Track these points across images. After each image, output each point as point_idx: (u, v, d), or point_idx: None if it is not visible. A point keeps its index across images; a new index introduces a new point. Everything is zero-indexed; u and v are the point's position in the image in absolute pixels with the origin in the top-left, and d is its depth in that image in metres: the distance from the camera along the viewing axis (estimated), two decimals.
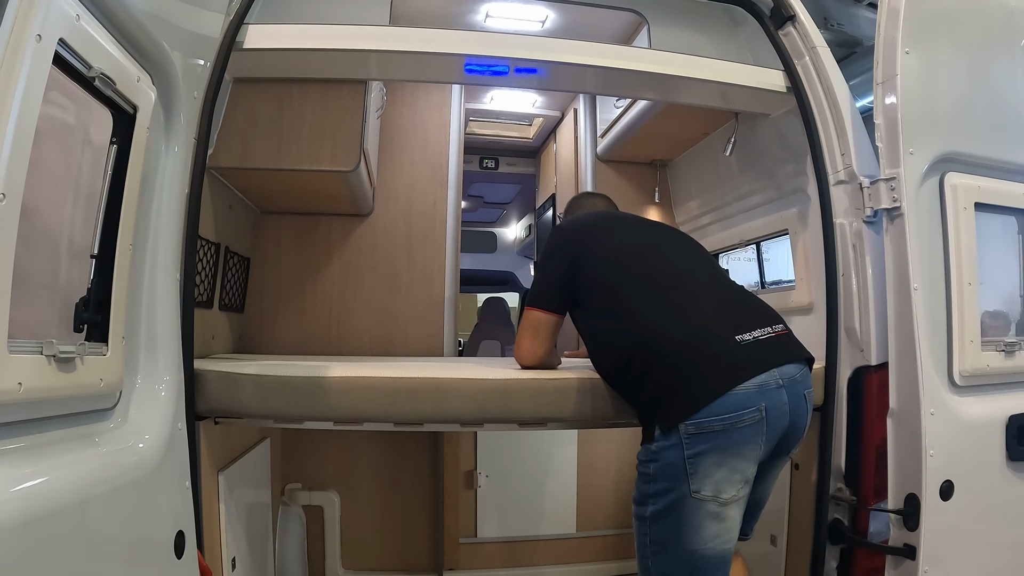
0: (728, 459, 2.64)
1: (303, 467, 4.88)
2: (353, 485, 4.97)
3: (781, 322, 2.97)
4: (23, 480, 1.57)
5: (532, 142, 7.69)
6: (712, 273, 3.21)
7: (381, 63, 3.48)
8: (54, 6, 1.68)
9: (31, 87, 1.60)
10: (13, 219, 1.55)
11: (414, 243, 5.25)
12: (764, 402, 2.67)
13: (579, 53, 3.45)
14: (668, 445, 2.66)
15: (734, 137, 4.53)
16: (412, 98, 5.53)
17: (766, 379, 2.71)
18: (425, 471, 5.05)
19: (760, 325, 2.86)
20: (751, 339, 2.79)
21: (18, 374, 1.61)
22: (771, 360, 2.76)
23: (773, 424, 2.71)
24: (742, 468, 2.68)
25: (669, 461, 2.66)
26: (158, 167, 2.45)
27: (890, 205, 3.03)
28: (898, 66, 2.97)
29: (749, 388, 2.66)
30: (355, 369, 3.10)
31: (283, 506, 4.67)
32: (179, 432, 2.41)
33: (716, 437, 2.62)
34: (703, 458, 2.62)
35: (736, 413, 2.63)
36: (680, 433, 2.63)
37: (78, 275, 2.00)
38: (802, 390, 2.83)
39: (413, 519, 5.05)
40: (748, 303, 3.06)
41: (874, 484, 3.17)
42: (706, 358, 2.73)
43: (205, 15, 2.76)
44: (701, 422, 2.62)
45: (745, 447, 2.67)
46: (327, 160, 3.86)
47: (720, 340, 2.78)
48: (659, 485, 2.69)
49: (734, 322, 2.85)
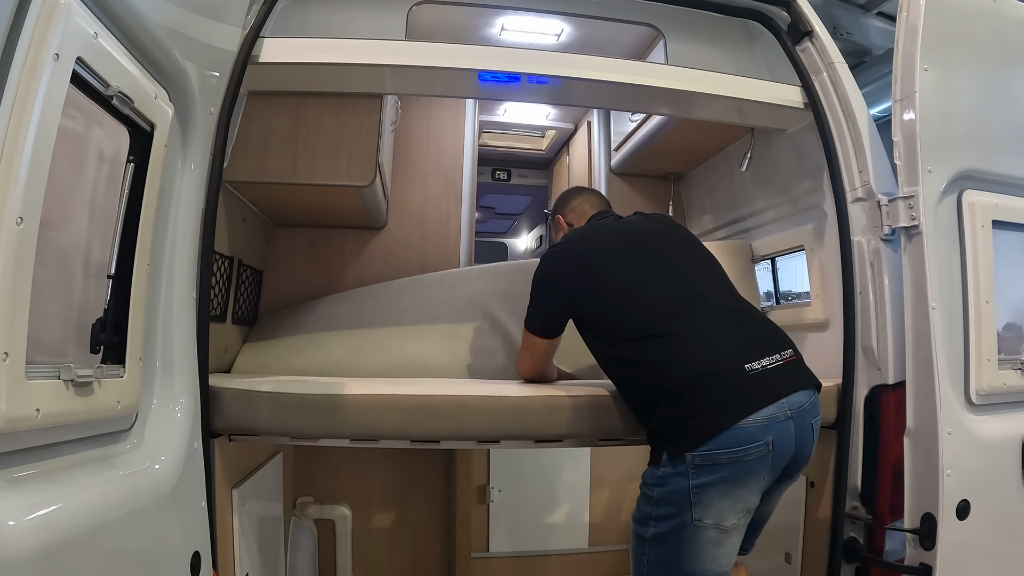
0: (733, 490, 2.68)
1: (315, 481, 4.85)
2: (365, 499, 4.95)
3: (790, 346, 2.98)
4: (38, 507, 1.54)
5: (545, 154, 7.68)
6: (720, 291, 3.19)
7: (396, 77, 3.47)
8: (72, 24, 1.66)
9: (49, 108, 1.58)
10: (31, 243, 1.53)
11: (428, 256, 5.24)
12: (772, 436, 2.69)
13: (594, 68, 3.43)
14: (674, 472, 2.69)
15: (750, 152, 4.51)
16: (426, 111, 5.53)
17: (775, 411, 2.73)
18: (437, 485, 5.03)
19: (769, 352, 2.86)
20: (760, 368, 2.79)
21: (36, 400, 1.58)
22: (779, 390, 2.78)
23: (779, 455, 2.74)
24: (746, 498, 2.72)
25: (675, 488, 2.69)
26: (174, 184, 2.43)
27: (908, 223, 3.01)
28: (917, 83, 2.95)
29: (757, 421, 2.68)
30: (373, 386, 3.09)
31: (295, 520, 4.64)
32: (195, 452, 2.40)
33: (722, 469, 2.65)
34: (708, 489, 2.65)
35: (744, 447, 2.65)
36: (687, 463, 2.66)
37: (93, 294, 1.99)
38: (810, 420, 2.86)
39: (425, 533, 5.02)
40: (757, 325, 3.07)
41: (890, 503, 3.15)
42: (714, 390, 2.75)
43: (223, 29, 2.74)
44: (708, 454, 2.64)
45: (751, 479, 2.70)
46: (343, 175, 3.84)
47: (729, 370, 2.78)
48: (663, 510, 2.73)
49: (743, 349, 2.84)
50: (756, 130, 4.46)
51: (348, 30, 3.34)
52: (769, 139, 4.36)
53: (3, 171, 1.47)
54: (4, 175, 1.47)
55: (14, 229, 1.48)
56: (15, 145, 1.49)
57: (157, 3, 2.10)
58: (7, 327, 1.47)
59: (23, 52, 1.53)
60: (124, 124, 2.03)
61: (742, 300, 3.21)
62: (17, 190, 1.49)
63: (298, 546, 4.58)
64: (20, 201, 1.49)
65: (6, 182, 1.47)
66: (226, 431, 2.93)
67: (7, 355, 1.47)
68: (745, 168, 4.55)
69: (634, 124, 5.40)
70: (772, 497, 2.94)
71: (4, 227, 1.46)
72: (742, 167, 4.57)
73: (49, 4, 1.58)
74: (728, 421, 2.66)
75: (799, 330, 3.96)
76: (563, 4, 3.74)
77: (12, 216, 1.47)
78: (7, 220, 1.47)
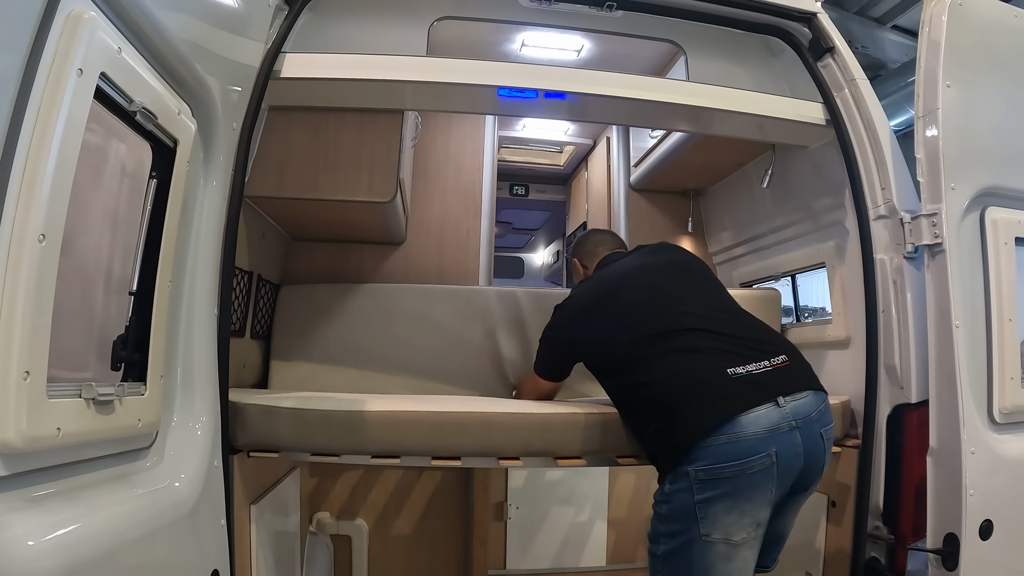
0: (738, 504, 2.65)
1: (332, 496, 4.83)
2: (382, 515, 4.92)
3: (784, 352, 2.96)
4: (57, 527, 1.53)
5: (563, 169, 7.68)
6: (713, 305, 3.20)
7: (417, 93, 3.46)
8: (96, 39, 1.65)
9: (72, 123, 1.57)
10: (53, 261, 1.52)
11: (447, 272, 5.24)
12: (775, 447, 2.67)
13: (615, 85, 3.42)
14: (679, 489, 2.70)
15: (771, 169, 4.49)
16: (446, 127, 5.54)
17: (778, 421, 2.71)
18: (455, 502, 5.00)
19: (757, 358, 2.87)
20: (743, 372, 2.80)
21: (57, 419, 1.57)
22: (767, 393, 2.76)
23: (785, 467, 2.71)
24: (753, 512, 2.69)
25: (680, 504, 2.69)
26: (196, 200, 2.42)
27: (931, 241, 2.99)
28: (939, 100, 2.94)
29: (758, 433, 2.67)
30: (397, 403, 3.09)
31: (311, 535, 4.63)
32: (215, 469, 2.38)
33: (725, 483, 2.64)
34: (713, 503, 2.64)
35: (745, 460, 2.64)
36: (690, 478, 2.66)
37: (115, 311, 1.98)
38: (818, 429, 2.82)
39: (442, 550, 4.99)
40: (747, 334, 3.03)
41: (912, 522, 3.13)
42: (694, 397, 2.78)
43: (245, 44, 2.74)
44: (710, 468, 2.64)
45: (756, 492, 2.68)
46: (363, 191, 3.84)
47: (710, 377, 2.81)
48: (671, 526, 2.73)
49: (727, 355, 2.87)
50: (777, 146, 4.44)
51: (369, 46, 3.34)
52: (789, 155, 4.35)
53: (26, 188, 1.46)
54: (27, 192, 1.46)
55: (36, 247, 1.47)
56: (38, 161, 1.48)
57: (180, 18, 2.10)
58: (29, 346, 1.46)
59: (47, 67, 1.53)
60: (147, 140, 2.02)
61: (739, 313, 3.21)
62: (40, 207, 1.48)
63: (314, 561, 4.56)
64: (43, 218, 1.48)
65: (29, 199, 1.46)
66: (246, 448, 2.93)
67: (28, 374, 1.46)
68: (766, 185, 4.52)
69: (654, 140, 5.38)
70: (787, 511, 2.93)
71: (26, 244, 1.45)
72: (763, 184, 4.55)
73: (73, 19, 1.58)
74: (709, 423, 2.68)
75: (819, 348, 3.93)
76: (584, 20, 3.73)
77: (35, 233, 1.46)
78: (29, 237, 1.46)
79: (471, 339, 4.47)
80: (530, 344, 4.32)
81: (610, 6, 3.47)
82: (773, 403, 2.73)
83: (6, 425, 1.43)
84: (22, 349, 1.45)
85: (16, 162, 1.46)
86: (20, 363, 1.45)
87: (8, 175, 1.45)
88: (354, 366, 4.32)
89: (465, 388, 4.38)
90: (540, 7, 3.53)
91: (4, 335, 1.43)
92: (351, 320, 4.51)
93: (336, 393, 3.58)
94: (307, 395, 3.29)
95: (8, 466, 1.47)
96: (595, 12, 3.55)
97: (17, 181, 1.46)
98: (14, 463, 1.49)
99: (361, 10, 3.49)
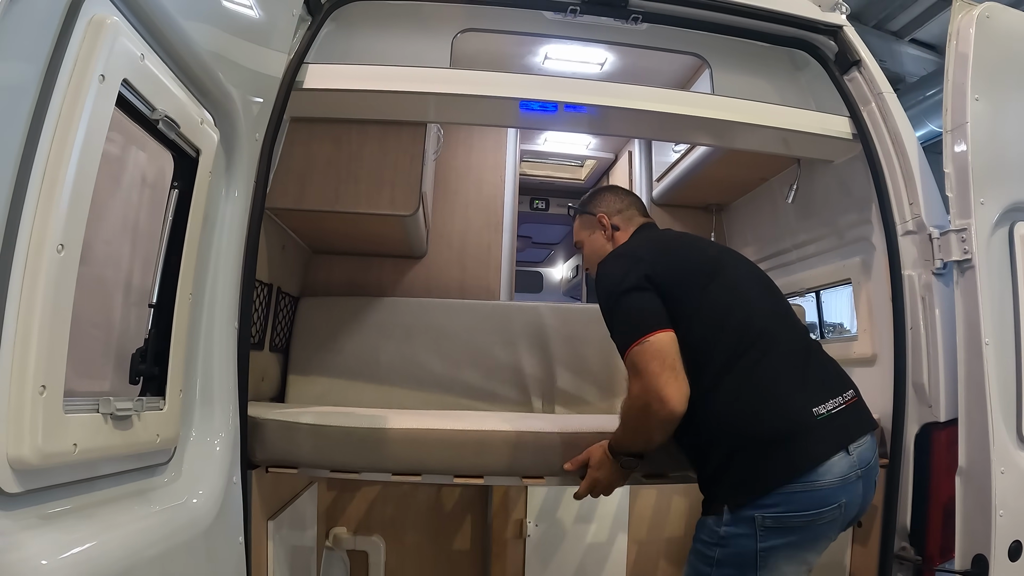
0: (800, 554, 2.61)
1: (349, 511, 4.80)
2: (399, 531, 4.88)
3: (852, 386, 2.87)
4: (72, 546, 1.49)
5: (584, 183, 7.66)
6: (789, 324, 2.94)
7: (440, 106, 3.45)
8: (118, 44, 1.61)
9: (93, 131, 1.53)
10: (72, 272, 1.48)
11: (468, 285, 5.24)
12: (845, 498, 2.60)
13: (640, 98, 3.40)
14: (740, 533, 2.56)
15: (796, 184, 4.45)
16: (467, 140, 5.54)
17: (847, 471, 2.60)
18: (473, 518, 4.96)
19: (833, 394, 2.73)
20: (826, 413, 2.66)
21: (73, 435, 1.53)
22: (846, 436, 2.66)
23: (848, 515, 2.68)
24: (811, 561, 2.67)
25: (739, 551, 2.56)
26: (218, 212, 2.39)
27: (960, 257, 2.97)
28: (968, 113, 2.91)
29: (834, 483, 2.56)
30: (419, 420, 3.07)
31: (327, 550, 4.60)
32: (234, 486, 2.35)
33: (794, 533, 2.55)
34: (777, 552, 2.55)
35: (819, 510, 2.55)
36: (756, 523, 2.53)
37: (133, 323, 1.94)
38: (875, 477, 2.81)
39: (460, 567, 4.94)
40: (821, 364, 2.90)
41: (940, 543, 3.08)
42: (783, 436, 2.61)
43: (268, 54, 2.71)
44: (780, 516, 2.52)
45: (819, 542, 2.65)
46: (386, 204, 3.83)
47: (797, 415, 2.64)
48: (724, 571, 2.60)
49: (811, 391, 2.71)
50: (802, 161, 4.39)
51: (392, 57, 3.33)
52: (814, 170, 4.31)
53: (45, 196, 1.42)
54: (46, 200, 1.42)
55: (55, 257, 1.43)
56: (58, 168, 1.44)
57: (204, 26, 2.06)
58: (46, 359, 1.42)
59: (67, 72, 1.49)
60: (169, 149, 1.99)
61: (807, 335, 3.07)
62: (59, 216, 1.44)
63: None
64: (62, 228, 1.44)
65: (48, 207, 1.42)
66: (265, 463, 2.91)
67: (44, 388, 1.42)
68: (792, 200, 4.48)
69: (677, 154, 5.36)
70: None
71: (44, 254, 1.41)
72: (788, 199, 4.51)
73: (95, 23, 1.54)
74: (793, 472, 2.54)
75: (844, 365, 3.88)
76: (608, 33, 3.70)
77: (53, 243, 1.42)
78: (48, 247, 1.42)
79: (493, 354, 4.44)
80: (552, 359, 4.29)
81: (635, 18, 3.45)
82: (845, 451, 2.62)
83: (21, 441, 1.39)
84: (39, 362, 1.40)
85: (35, 169, 1.42)
86: (36, 377, 1.40)
87: (27, 182, 1.41)
88: (373, 380, 4.30)
89: (486, 403, 4.35)
90: (565, 19, 3.50)
91: (20, 347, 1.39)
92: (371, 333, 4.49)
93: (356, 408, 3.55)
94: (327, 410, 3.27)
95: (22, 483, 1.42)
96: (620, 25, 3.53)
97: (36, 189, 1.42)
98: (28, 479, 1.44)
99: (384, 21, 3.48)
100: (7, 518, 1.39)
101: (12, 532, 1.38)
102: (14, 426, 1.38)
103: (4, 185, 1.35)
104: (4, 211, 1.35)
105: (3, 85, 1.35)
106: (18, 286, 1.39)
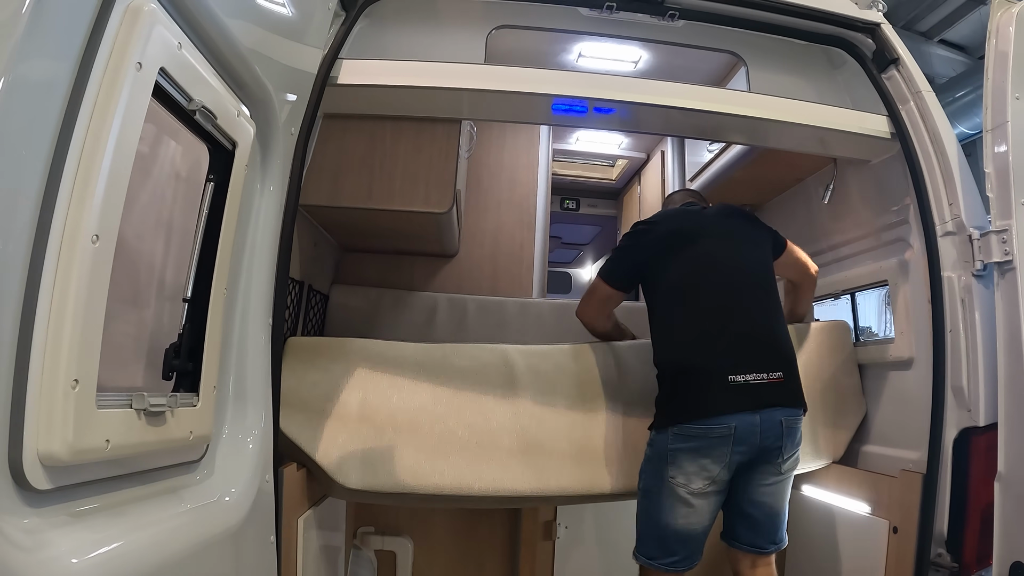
0: (699, 459, 3.19)
1: (377, 511, 4.78)
2: (427, 531, 4.85)
3: (782, 368, 3.30)
4: (101, 545, 1.46)
5: (615, 183, 7.64)
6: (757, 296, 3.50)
7: (473, 102, 3.44)
8: (156, 33, 1.58)
9: (129, 120, 1.50)
10: (107, 263, 1.45)
11: (500, 285, 5.22)
12: (735, 423, 3.17)
13: (673, 95, 3.40)
14: (660, 438, 3.28)
15: (833, 183, 4.39)
16: (500, 138, 5.53)
17: (745, 418, 3.20)
18: (502, 520, 4.92)
19: (757, 369, 3.25)
20: (742, 381, 3.22)
21: (106, 431, 1.50)
22: (754, 403, 3.20)
23: (742, 438, 3.17)
24: (710, 468, 3.19)
25: (658, 450, 3.28)
26: (253, 206, 2.37)
27: (1001, 258, 2.96)
28: (1008, 112, 2.90)
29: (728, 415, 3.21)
30: (463, 473, 3.29)
31: (354, 550, 4.57)
32: (266, 484, 2.33)
33: (692, 440, 3.19)
34: (680, 453, 3.21)
35: (709, 427, 3.17)
36: (669, 433, 3.24)
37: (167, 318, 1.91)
38: (780, 416, 3.23)
39: (488, 569, 4.92)
40: (760, 342, 3.36)
41: (977, 550, 3.09)
42: (702, 388, 3.26)
43: (304, 50, 2.68)
44: (683, 427, 3.22)
45: (713, 452, 3.18)
46: (420, 201, 3.83)
47: (719, 375, 3.23)
48: (650, 466, 3.33)
49: (736, 360, 3.26)
50: (838, 160, 4.34)
51: (426, 53, 3.32)
52: (849, 170, 4.28)
53: (79, 186, 1.39)
54: (80, 190, 1.39)
55: (89, 247, 1.39)
56: (93, 158, 1.41)
57: (240, 18, 2.03)
58: (79, 353, 1.39)
59: (103, 60, 1.45)
60: (205, 141, 1.96)
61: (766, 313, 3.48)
62: (94, 206, 1.40)
63: None
64: (96, 218, 1.41)
65: (83, 198, 1.39)
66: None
67: (77, 382, 1.38)
68: (828, 200, 4.42)
69: (712, 154, 5.32)
70: (754, 484, 3.31)
71: (78, 245, 1.38)
72: (824, 199, 4.45)
73: (132, 10, 1.50)
74: (699, 415, 3.19)
75: (881, 368, 3.85)
76: (643, 30, 3.67)
77: (88, 234, 1.39)
78: (82, 237, 1.38)
79: None
80: None
81: (672, 15, 3.42)
82: (750, 412, 3.20)
83: (52, 436, 1.36)
84: (71, 356, 1.37)
85: (70, 159, 1.38)
86: (69, 371, 1.37)
87: (61, 170, 1.37)
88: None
89: None
90: (600, 16, 3.47)
91: (53, 341, 1.35)
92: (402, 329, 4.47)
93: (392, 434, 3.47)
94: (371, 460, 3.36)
95: (53, 479, 1.39)
96: (656, 22, 3.52)
97: (71, 178, 1.38)
98: (59, 476, 1.42)
99: (418, 17, 3.47)
100: (36, 516, 1.36)
101: (42, 530, 1.35)
102: (45, 421, 1.35)
103: (37, 173, 1.32)
104: (38, 200, 1.32)
105: (39, 71, 1.31)
106: (51, 277, 1.36)
